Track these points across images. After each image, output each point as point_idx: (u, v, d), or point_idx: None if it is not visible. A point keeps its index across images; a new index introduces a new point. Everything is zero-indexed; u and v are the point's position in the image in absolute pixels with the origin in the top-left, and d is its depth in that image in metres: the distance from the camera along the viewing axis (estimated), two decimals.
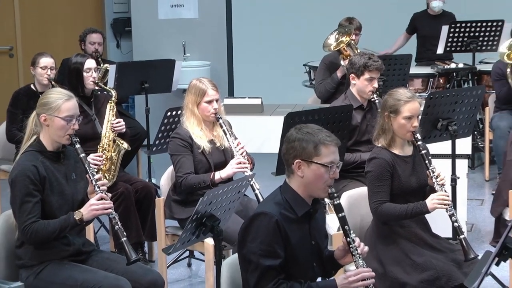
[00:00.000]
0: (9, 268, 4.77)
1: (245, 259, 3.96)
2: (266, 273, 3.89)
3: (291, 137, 4.02)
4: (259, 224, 3.92)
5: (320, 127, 4.10)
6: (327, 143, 3.97)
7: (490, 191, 8.28)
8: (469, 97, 6.11)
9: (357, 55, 6.51)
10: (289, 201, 4.01)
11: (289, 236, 3.93)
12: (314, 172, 3.96)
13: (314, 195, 4.05)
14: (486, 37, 9.32)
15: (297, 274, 3.98)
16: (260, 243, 3.90)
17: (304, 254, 4.03)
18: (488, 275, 4.13)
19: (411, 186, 5.01)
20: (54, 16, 11.29)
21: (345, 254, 4.14)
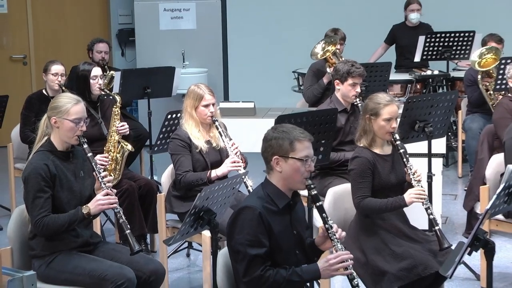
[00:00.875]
0: (23, 258, 4.77)
1: (234, 250, 3.97)
2: (253, 261, 3.90)
3: (268, 136, 4.06)
4: (244, 217, 3.94)
5: (294, 126, 4.14)
6: (301, 139, 4.00)
7: (462, 187, 8.28)
8: (443, 101, 6.12)
9: (341, 63, 6.52)
10: (270, 195, 4.02)
11: (272, 226, 3.94)
12: (291, 166, 3.98)
13: (293, 187, 4.06)
14: (459, 47, 9.33)
15: (282, 261, 3.99)
16: (246, 234, 3.91)
17: (287, 243, 4.03)
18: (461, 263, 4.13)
19: (391, 182, 5.01)
20: (64, 27, 11.28)
21: (324, 240, 4.13)
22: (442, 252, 4.80)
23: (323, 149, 5.73)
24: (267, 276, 3.89)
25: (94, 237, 4.93)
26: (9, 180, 7.75)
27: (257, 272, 3.89)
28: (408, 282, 4.72)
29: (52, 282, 4.67)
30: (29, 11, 11.17)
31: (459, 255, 3.93)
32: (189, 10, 10.81)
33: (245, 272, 3.91)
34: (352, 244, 4.61)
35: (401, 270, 4.69)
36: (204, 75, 10.42)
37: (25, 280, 3.79)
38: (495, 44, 8.21)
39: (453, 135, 9.26)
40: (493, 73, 7.95)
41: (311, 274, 4.01)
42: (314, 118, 5.75)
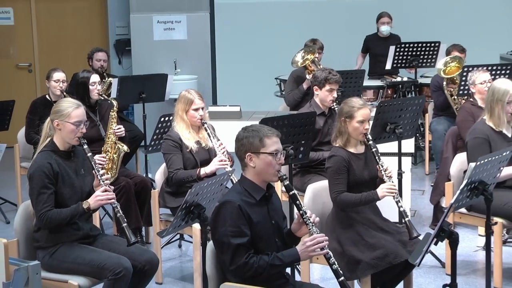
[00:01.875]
0: (28, 249, 4.75)
1: (219, 242, 3.97)
2: (238, 250, 3.89)
3: (239, 136, 4.07)
4: (225, 211, 3.94)
5: (262, 125, 4.18)
6: (270, 135, 4.02)
7: (429, 183, 8.31)
8: (412, 105, 6.13)
9: (320, 70, 6.53)
10: (247, 189, 4.02)
11: (251, 217, 3.94)
12: (263, 161, 3.99)
13: (267, 180, 4.07)
14: (426, 56, 9.36)
15: (263, 249, 3.98)
16: (228, 226, 3.91)
17: (266, 232, 4.03)
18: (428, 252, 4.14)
19: (364, 179, 5.01)
20: (65, 38, 11.27)
21: (300, 227, 4.12)
22: (411, 242, 4.80)
23: (303, 149, 5.73)
24: (252, 262, 3.89)
25: (94, 229, 4.92)
26: (16, 178, 7.72)
27: (242, 260, 3.89)
28: (380, 269, 4.72)
29: (55, 271, 4.65)
30: (33, 23, 11.16)
31: (426, 245, 3.94)
32: (180, 22, 10.80)
33: (231, 261, 3.90)
34: (329, 235, 4.59)
35: (374, 259, 4.70)
36: (194, 81, 10.40)
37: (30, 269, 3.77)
38: (458, 54, 8.25)
39: (421, 136, 9.28)
40: (457, 80, 7.97)
41: (291, 257, 4.00)
42: (295, 121, 5.74)
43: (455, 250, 4.07)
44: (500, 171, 4.93)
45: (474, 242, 6.58)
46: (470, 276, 5.90)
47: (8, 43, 11.18)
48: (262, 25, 11.11)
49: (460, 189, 4.46)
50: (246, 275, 3.87)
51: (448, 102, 8.18)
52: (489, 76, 6.78)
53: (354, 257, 4.73)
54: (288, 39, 10.01)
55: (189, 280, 5.91)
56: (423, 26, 10.45)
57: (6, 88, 10.82)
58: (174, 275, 6.13)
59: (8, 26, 11.11)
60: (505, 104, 5.63)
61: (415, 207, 7.46)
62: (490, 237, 4.78)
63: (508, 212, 5.53)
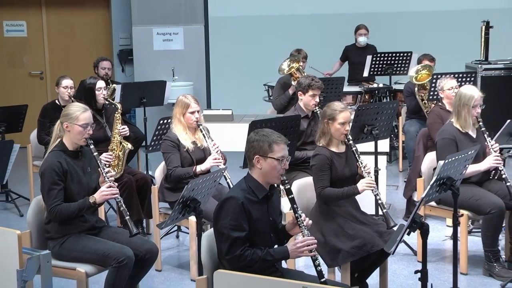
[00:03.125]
0: (40, 240, 4.73)
1: (219, 232, 3.95)
2: (235, 242, 3.89)
3: (251, 139, 4.05)
4: (229, 205, 3.92)
5: (273, 131, 4.14)
6: (279, 142, 4.01)
7: (403, 179, 8.32)
8: (387, 109, 6.13)
9: (303, 77, 6.54)
10: (252, 187, 4.01)
11: (252, 214, 3.94)
12: (269, 164, 3.97)
13: (270, 182, 4.06)
14: (399, 64, 9.38)
15: (259, 242, 3.98)
16: (230, 219, 3.90)
17: (263, 228, 4.02)
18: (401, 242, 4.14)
19: (345, 175, 5.01)
20: (74, 48, 11.26)
21: (294, 227, 4.14)
22: (386, 232, 4.81)
23: (289, 149, 5.68)
24: (246, 255, 3.89)
25: (99, 222, 4.90)
26: (29, 175, 7.71)
27: (237, 251, 3.88)
28: (358, 257, 4.73)
29: (64, 259, 4.64)
30: (45, 35, 11.16)
31: (400, 235, 3.94)
32: (177, 34, 10.79)
33: (227, 251, 3.90)
34: (313, 227, 4.60)
35: (353, 248, 4.70)
36: (190, 87, 10.40)
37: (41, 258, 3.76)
38: (428, 62, 8.25)
39: (395, 136, 9.30)
40: (427, 86, 7.98)
41: (281, 254, 4.01)
42: (281, 123, 5.75)
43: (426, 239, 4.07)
44: (466, 168, 4.95)
45: (443, 232, 6.60)
46: (439, 263, 5.92)
47: (22, 53, 11.17)
48: (252, 37, 11.11)
49: (430, 184, 4.47)
50: (240, 265, 3.86)
51: (419, 106, 8.19)
52: (456, 82, 6.80)
53: (335, 246, 4.73)
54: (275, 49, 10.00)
55: (186, 267, 5.90)
56: (397, 37, 10.46)
57: (20, 94, 10.81)
58: (172, 263, 6.12)
59: (22, 38, 11.10)
60: (470, 108, 5.64)
61: (390, 200, 7.47)
62: (457, 228, 4.80)
63: (473, 205, 5.55)
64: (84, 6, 11.20)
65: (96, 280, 4.96)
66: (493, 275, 5.58)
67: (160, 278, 5.78)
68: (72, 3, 11.13)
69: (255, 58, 10.90)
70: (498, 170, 5.68)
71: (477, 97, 5.66)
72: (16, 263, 3.73)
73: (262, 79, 9.58)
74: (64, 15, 11.20)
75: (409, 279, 5.56)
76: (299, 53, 8.39)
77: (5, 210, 7.83)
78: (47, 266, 3.78)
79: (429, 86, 7.91)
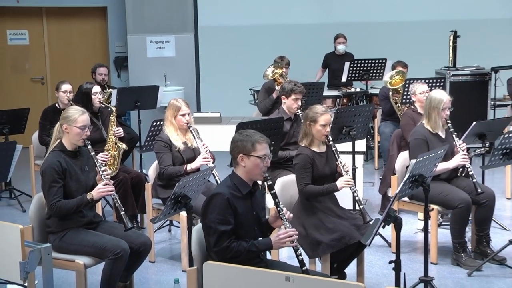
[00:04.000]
0: (41, 234, 4.71)
1: (207, 226, 3.95)
2: (222, 235, 3.88)
3: (235, 138, 4.05)
4: (216, 201, 3.92)
5: (256, 131, 4.15)
6: (261, 141, 4.01)
7: (378, 176, 8.33)
8: (363, 112, 6.15)
9: (286, 82, 6.54)
10: (236, 184, 4.01)
11: (237, 208, 3.94)
12: (252, 162, 3.97)
13: (254, 179, 4.06)
14: (375, 70, 9.41)
15: (244, 235, 3.98)
16: (217, 214, 3.90)
17: (248, 221, 4.02)
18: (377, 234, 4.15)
19: (325, 173, 5.01)
20: (73, 55, 11.21)
21: (276, 220, 4.14)
22: (363, 226, 4.81)
23: (273, 149, 5.71)
24: (232, 247, 3.89)
25: (97, 217, 4.88)
26: (30, 173, 7.67)
27: (224, 243, 3.88)
28: (337, 249, 4.73)
29: (64, 252, 4.61)
30: (45, 43, 11.12)
31: (375, 228, 3.96)
32: (169, 42, 10.77)
33: (215, 243, 3.89)
34: (295, 221, 4.60)
35: (332, 240, 4.70)
36: (181, 91, 10.37)
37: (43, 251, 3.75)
38: (402, 69, 8.29)
39: (371, 137, 9.32)
40: (400, 91, 8.01)
41: (265, 246, 4.01)
42: (266, 125, 5.75)
43: (399, 232, 4.09)
44: (436, 166, 4.97)
45: (415, 225, 6.62)
46: (411, 254, 5.94)
47: (24, 60, 11.12)
48: (238, 45, 11.11)
49: (403, 181, 4.48)
50: (226, 257, 3.85)
51: (393, 109, 8.22)
52: (427, 87, 6.81)
53: (316, 239, 4.73)
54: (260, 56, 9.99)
55: (177, 259, 5.89)
56: (372, 45, 10.48)
57: (22, 98, 10.75)
58: (165, 255, 6.10)
59: (24, 46, 11.06)
60: (440, 110, 5.67)
61: (366, 196, 7.48)
62: (428, 221, 4.83)
63: (442, 200, 5.57)
64: (82, 16, 11.16)
65: (94, 271, 4.94)
66: (460, 264, 5.61)
67: (154, 269, 5.77)
68: (71, 13, 11.09)
69: (241, 65, 10.88)
70: (465, 167, 5.71)
71: (446, 100, 5.69)
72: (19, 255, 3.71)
73: (248, 84, 9.57)
74: (63, 24, 11.16)
75: (384, 268, 5.58)
76: (282, 60, 8.39)
77: (9, 206, 7.79)
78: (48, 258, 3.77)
79: (402, 91, 7.94)
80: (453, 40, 9.08)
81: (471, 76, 8.99)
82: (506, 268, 5.53)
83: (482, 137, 6.06)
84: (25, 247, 3.76)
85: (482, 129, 6.04)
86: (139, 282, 5.31)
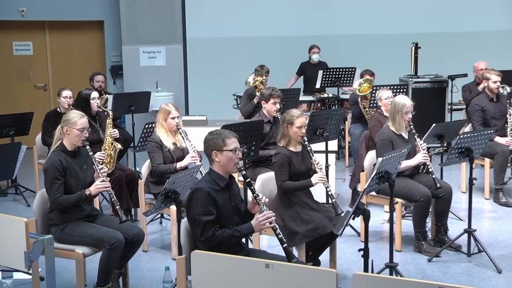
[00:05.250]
0: (44, 226, 4.67)
1: (192, 219, 3.94)
2: (206, 225, 3.87)
3: (206, 138, 4.05)
4: (197, 195, 3.91)
5: (224, 129, 4.14)
6: (230, 136, 4.01)
7: (348, 173, 8.36)
8: (335, 115, 6.16)
9: (265, 89, 6.57)
10: (214, 178, 4.00)
11: (217, 200, 3.93)
12: (226, 156, 3.97)
13: (229, 171, 4.05)
14: (345, 78, 9.43)
15: (226, 224, 3.96)
16: (200, 207, 3.88)
17: (228, 211, 4.01)
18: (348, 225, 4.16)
19: (301, 171, 5.01)
20: (73, 64, 11.14)
21: (254, 206, 4.12)
22: (335, 218, 4.82)
23: (254, 148, 5.72)
24: (217, 234, 3.88)
25: (94, 210, 4.84)
26: (34, 171, 7.63)
27: (210, 232, 3.87)
28: (312, 239, 4.74)
29: (64, 242, 4.58)
30: (48, 53, 11.05)
31: (346, 219, 3.96)
32: (160, 52, 10.72)
33: (201, 233, 3.88)
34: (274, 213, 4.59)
35: (307, 231, 4.71)
36: (171, 97, 10.33)
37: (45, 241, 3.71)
38: (369, 77, 8.32)
39: (342, 138, 9.35)
40: (368, 96, 8.05)
41: (247, 230, 4.00)
42: (248, 127, 5.73)
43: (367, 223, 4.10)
44: (400, 164, 5.00)
45: (381, 217, 6.65)
46: (378, 242, 5.96)
47: (28, 68, 11.04)
48: (223, 54, 11.09)
49: (371, 177, 4.50)
50: (213, 244, 3.84)
51: (362, 113, 8.25)
52: (392, 93, 6.85)
53: (293, 229, 4.74)
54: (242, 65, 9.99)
55: (168, 248, 5.87)
56: (343, 56, 10.52)
57: (27, 103, 10.66)
58: (156, 245, 6.08)
59: (28, 56, 10.98)
60: (403, 114, 5.69)
61: (338, 191, 7.50)
62: (393, 213, 4.84)
63: (405, 194, 5.60)
64: (81, 29, 11.10)
65: (92, 260, 4.90)
66: (421, 251, 5.64)
67: (146, 257, 5.74)
68: (71, 26, 11.02)
69: (225, 73, 10.87)
70: (425, 165, 5.75)
71: (408, 105, 5.72)
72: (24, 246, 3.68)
73: (231, 90, 9.57)
74: (64, 36, 11.09)
75: (354, 256, 5.59)
76: (262, 68, 8.40)
77: (15, 201, 7.73)
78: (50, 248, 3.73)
79: (369, 96, 7.98)
80: (415, 51, 9.14)
81: (431, 83, 9.05)
82: (461, 254, 5.57)
83: (441, 137, 6.10)
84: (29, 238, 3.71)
85: (440, 131, 6.07)
86: (133, 269, 5.28)
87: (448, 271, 5.28)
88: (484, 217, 6.70)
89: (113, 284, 4.68)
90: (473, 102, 7.42)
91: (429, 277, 5.16)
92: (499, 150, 7.01)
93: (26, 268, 3.75)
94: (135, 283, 5.09)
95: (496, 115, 7.23)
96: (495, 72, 7.32)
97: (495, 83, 7.24)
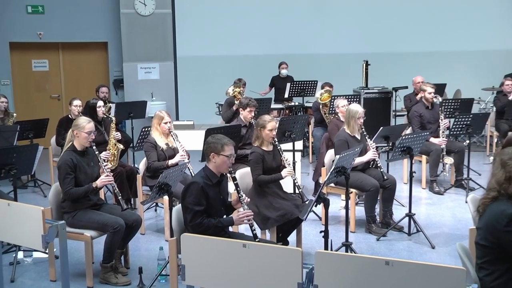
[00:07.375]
0: (58, 213, 4.63)
1: (185, 207, 3.92)
2: (196, 213, 3.86)
3: (208, 141, 4.02)
4: (193, 187, 3.89)
5: (224, 136, 4.10)
6: (228, 144, 3.99)
7: (312, 168, 8.38)
8: (301, 120, 6.18)
9: (243, 98, 6.56)
10: (208, 175, 3.98)
11: (208, 194, 3.91)
12: (221, 160, 3.95)
13: (221, 171, 4.03)
14: (309, 89, 9.47)
15: (213, 213, 3.95)
16: (193, 197, 3.86)
17: (216, 203, 4.00)
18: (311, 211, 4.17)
19: (273, 166, 5.01)
20: (81, 78, 11.01)
21: (237, 203, 4.12)
22: (301, 205, 4.83)
23: None
24: (204, 222, 3.87)
25: (100, 200, 4.81)
26: (50, 168, 7.55)
27: (198, 220, 3.86)
28: (282, 223, 4.75)
29: (75, 227, 4.55)
30: (61, 69, 10.92)
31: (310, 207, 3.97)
32: (155, 68, 10.65)
33: (191, 219, 3.86)
34: (250, 202, 4.59)
35: (278, 216, 4.71)
36: (164, 105, 10.27)
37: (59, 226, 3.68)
38: (328, 88, 8.37)
39: (307, 139, 9.38)
40: (328, 104, 8.08)
41: (228, 222, 4.00)
42: (228, 130, 5.74)
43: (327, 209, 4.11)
44: (354, 160, 5.02)
45: (339, 204, 6.68)
46: (336, 225, 5.98)
47: (44, 82, 10.91)
48: (207, 69, 11.07)
49: (330, 172, 4.52)
50: (199, 230, 3.83)
51: (323, 118, 8.29)
52: (347, 102, 6.88)
53: (266, 215, 4.74)
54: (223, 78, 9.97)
55: (162, 232, 5.83)
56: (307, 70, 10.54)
57: (43, 111, 10.53)
58: (152, 228, 6.04)
59: (44, 71, 10.85)
60: (356, 119, 5.73)
61: (303, 183, 7.51)
62: (348, 201, 4.86)
63: (358, 185, 5.63)
64: (89, 49, 10.99)
65: (98, 241, 4.86)
66: (372, 232, 5.68)
67: (144, 239, 5.70)
68: (81, 47, 10.92)
69: (209, 84, 10.85)
70: (375, 161, 5.79)
71: (360, 111, 5.75)
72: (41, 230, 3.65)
73: (214, 99, 9.54)
74: (75, 55, 10.97)
75: (316, 236, 5.61)
76: (240, 81, 8.40)
77: (33, 192, 7.63)
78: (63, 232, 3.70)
79: (329, 104, 8.01)
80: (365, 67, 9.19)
81: (379, 94, 9.11)
82: (403, 234, 5.63)
83: (387, 138, 6.15)
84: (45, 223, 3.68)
85: (386, 133, 6.13)
86: (133, 249, 5.24)
87: (393, 248, 5.33)
88: (421, 203, 6.77)
89: (116, 262, 4.65)
90: (412, 109, 7.50)
91: (377, 253, 5.20)
92: (433, 149, 7.10)
93: (43, 249, 3.73)
94: (135, 261, 5.06)
95: (431, 120, 7.32)
96: (430, 85, 7.42)
97: (430, 94, 7.33)
